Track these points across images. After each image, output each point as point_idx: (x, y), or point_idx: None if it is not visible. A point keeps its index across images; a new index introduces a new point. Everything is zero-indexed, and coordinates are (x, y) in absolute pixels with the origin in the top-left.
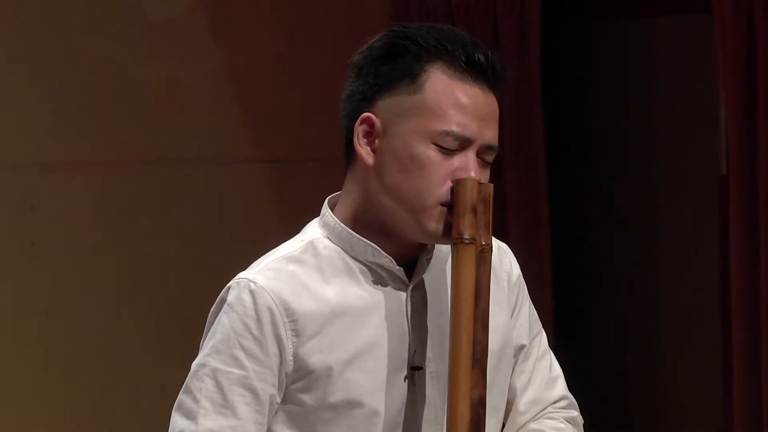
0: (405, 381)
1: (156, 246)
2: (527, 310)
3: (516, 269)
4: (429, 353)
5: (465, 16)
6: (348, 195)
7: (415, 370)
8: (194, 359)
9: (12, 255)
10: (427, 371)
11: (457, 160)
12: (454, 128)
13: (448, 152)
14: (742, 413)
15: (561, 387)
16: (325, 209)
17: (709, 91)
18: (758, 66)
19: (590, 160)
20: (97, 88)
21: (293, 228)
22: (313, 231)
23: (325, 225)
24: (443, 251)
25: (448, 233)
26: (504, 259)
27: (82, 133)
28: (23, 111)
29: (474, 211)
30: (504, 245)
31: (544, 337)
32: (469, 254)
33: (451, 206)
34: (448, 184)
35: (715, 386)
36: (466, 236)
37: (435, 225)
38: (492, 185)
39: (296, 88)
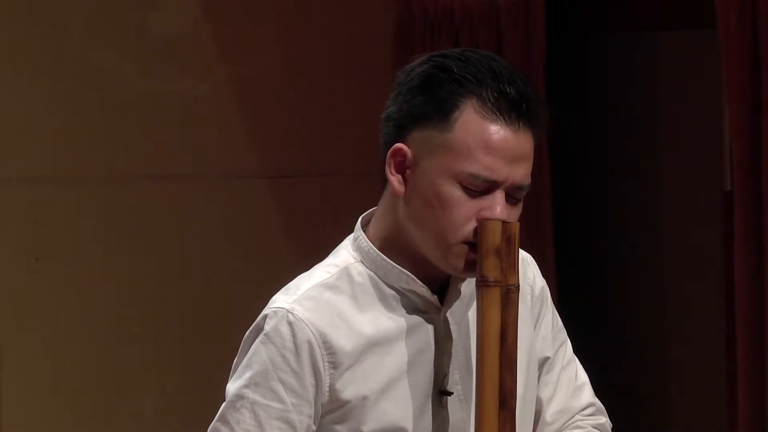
0: (434, 405)
1: (160, 261)
2: (550, 321)
3: (539, 281)
4: (456, 376)
5: (469, 29)
6: (382, 217)
7: (444, 395)
8: (197, 370)
9: (16, 269)
10: (455, 394)
11: (484, 200)
12: (482, 172)
13: (474, 192)
14: (747, 423)
15: (588, 394)
16: (359, 231)
17: (713, 106)
18: (762, 81)
19: (593, 173)
20: (101, 102)
21: (297, 243)
22: (347, 254)
23: (358, 248)
24: None
25: (472, 269)
26: (528, 271)
27: (86, 147)
28: (27, 124)
29: (498, 252)
30: (528, 256)
31: (568, 345)
32: (494, 297)
33: (475, 245)
34: (473, 224)
35: (719, 397)
36: (490, 279)
37: (457, 262)
38: (518, 224)
39: (301, 103)
